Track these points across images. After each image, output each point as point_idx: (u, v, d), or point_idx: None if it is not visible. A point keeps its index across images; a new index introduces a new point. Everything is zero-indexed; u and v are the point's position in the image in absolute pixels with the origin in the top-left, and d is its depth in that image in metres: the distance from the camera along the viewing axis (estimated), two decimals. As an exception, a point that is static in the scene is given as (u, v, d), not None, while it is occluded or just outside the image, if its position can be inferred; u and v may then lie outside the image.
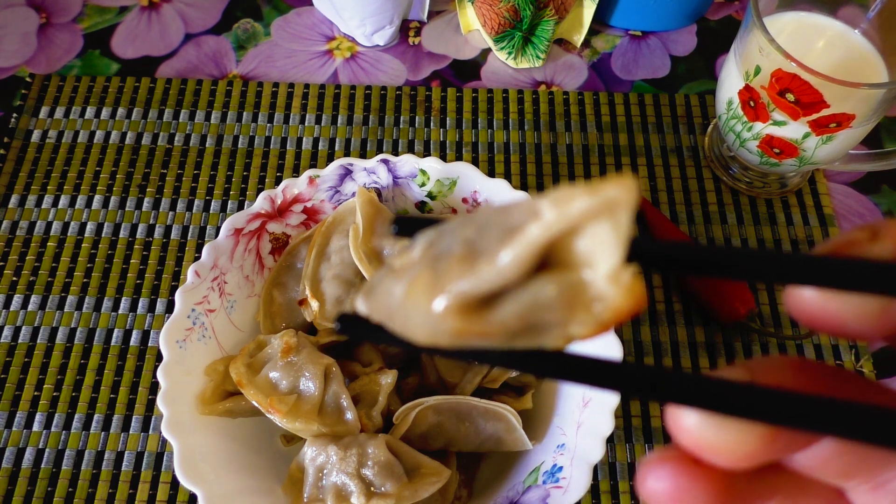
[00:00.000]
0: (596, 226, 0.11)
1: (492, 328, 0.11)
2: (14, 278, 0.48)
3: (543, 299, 0.11)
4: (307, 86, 0.56)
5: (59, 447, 0.43)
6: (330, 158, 0.53)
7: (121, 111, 0.55)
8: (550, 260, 0.12)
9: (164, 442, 0.43)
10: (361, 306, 0.13)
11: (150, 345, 0.46)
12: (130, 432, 0.44)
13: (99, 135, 0.54)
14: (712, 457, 0.13)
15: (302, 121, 0.55)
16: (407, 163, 0.43)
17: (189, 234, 0.50)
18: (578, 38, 0.59)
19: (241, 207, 0.51)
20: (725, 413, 0.12)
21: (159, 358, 0.40)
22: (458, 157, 0.53)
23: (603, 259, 0.11)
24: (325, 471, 0.35)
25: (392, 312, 0.12)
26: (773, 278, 0.13)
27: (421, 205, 0.45)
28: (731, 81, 0.46)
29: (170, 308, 0.47)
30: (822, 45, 0.45)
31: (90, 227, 0.50)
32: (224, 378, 0.39)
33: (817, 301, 0.13)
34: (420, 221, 0.13)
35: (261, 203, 0.42)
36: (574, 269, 0.11)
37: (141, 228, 0.50)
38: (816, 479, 0.14)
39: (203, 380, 0.39)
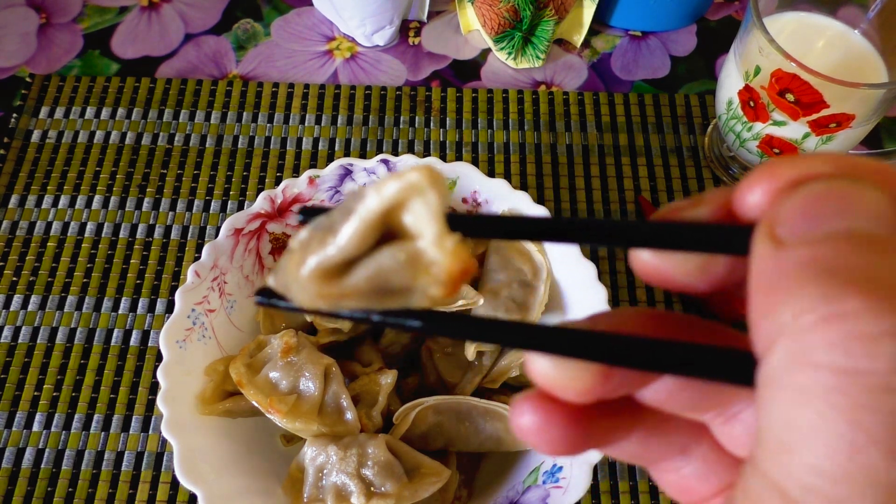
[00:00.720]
0: (414, 203, 0.13)
1: (347, 290, 0.14)
2: (14, 278, 0.48)
3: (386, 265, 0.14)
4: (307, 86, 0.56)
5: (59, 447, 0.43)
6: (330, 158, 0.53)
7: (121, 111, 0.55)
8: (396, 233, 0.14)
9: (164, 442, 0.43)
10: (270, 280, 0.15)
11: (150, 345, 0.46)
12: (130, 432, 0.44)
13: (99, 135, 0.54)
14: (560, 393, 0.15)
15: (302, 121, 0.55)
16: (407, 163, 0.43)
17: (189, 234, 0.50)
18: (578, 39, 0.59)
19: (241, 207, 0.51)
20: (562, 356, 0.14)
21: (159, 358, 0.40)
22: (458, 157, 0.53)
23: (426, 229, 0.13)
24: (325, 471, 0.35)
25: (286, 284, 0.15)
26: (611, 243, 0.15)
27: (421, 205, 0.45)
28: (731, 81, 0.46)
29: (170, 308, 0.47)
30: (822, 45, 0.45)
31: (90, 227, 0.50)
32: (224, 378, 0.39)
33: (653, 261, 0.15)
34: (320, 210, 0.15)
35: (261, 203, 0.42)
36: (410, 240, 0.14)
37: (141, 228, 0.50)
38: (672, 412, 0.16)
39: (203, 380, 0.39)
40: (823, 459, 0.10)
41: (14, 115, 0.55)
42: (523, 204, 0.42)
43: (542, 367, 0.14)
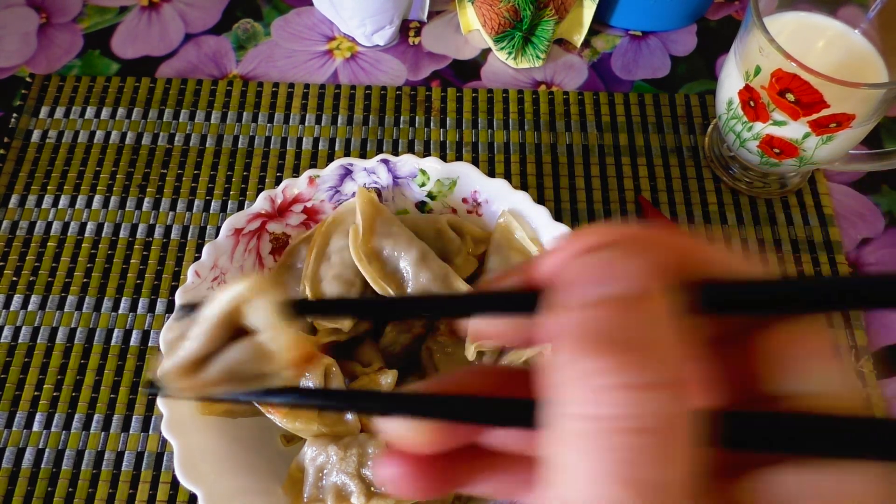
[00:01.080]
0: (250, 307, 0.16)
1: (204, 382, 0.16)
2: (14, 278, 0.48)
3: (237, 358, 0.16)
4: (307, 86, 0.56)
5: (59, 447, 0.43)
6: (330, 158, 0.53)
7: (121, 111, 0.55)
8: (245, 330, 0.17)
9: (164, 442, 0.43)
10: (157, 373, 0.17)
11: (150, 345, 0.46)
12: (130, 432, 0.44)
13: (99, 135, 0.54)
14: (413, 448, 0.17)
15: (302, 121, 0.55)
16: (407, 163, 0.43)
17: (189, 234, 0.50)
18: (578, 38, 0.59)
19: (241, 207, 0.51)
20: (404, 417, 0.17)
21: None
22: (458, 157, 0.53)
23: (263, 328, 0.16)
24: (325, 471, 0.35)
25: (162, 379, 0.17)
26: (439, 315, 0.18)
27: (421, 205, 0.45)
28: (731, 81, 0.46)
29: (170, 308, 0.47)
30: (822, 45, 0.45)
31: (90, 227, 0.50)
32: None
33: (479, 325, 0.17)
34: (196, 307, 0.17)
35: (261, 203, 0.42)
36: (256, 335, 0.16)
37: (141, 228, 0.50)
38: (517, 452, 0.18)
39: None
40: (575, 493, 0.12)
41: (14, 115, 0.55)
42: (523, 204, 0.42)
43: (391, 428, 0.17)
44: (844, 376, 0.14)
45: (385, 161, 0.43)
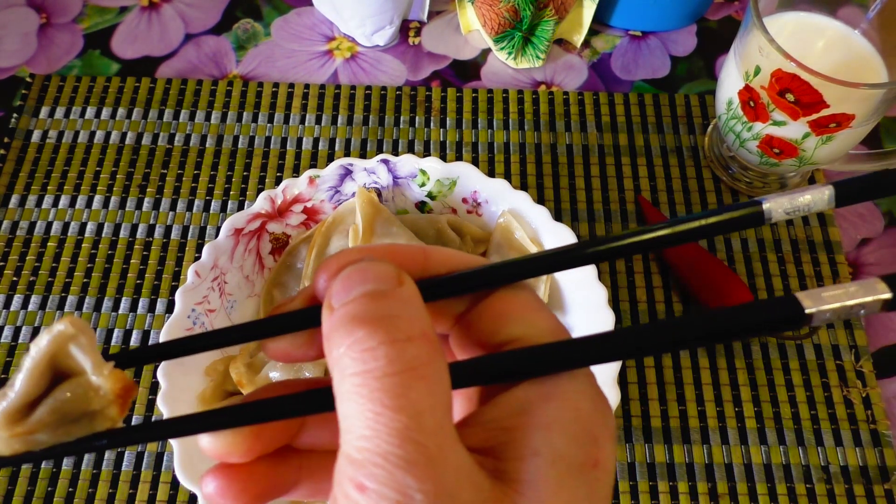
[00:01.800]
0: (71, 348, 0.17)
1: (34, 427, 0.16)
2: (14, 278, 0.48)
3: (63, 398, 0.17)
4: (307, 86, 0.56)
5: (60, 447, 0.43)
6: (330, 158, 0.53)
7: (121, 111, 0.55)
8: (69, 373, 0.17)
9: (164, 442, 0.43)
10: None
11: (149, 345, 0.46)
12: (130, 432, 0.44)
13: (99, 135, 0.54)
14: (228, 458, 0.18)
15: (302, 121, 0.55)
16: (407, 163, 0.43)
17: (189, 234, 0.50)
18: (578, 38, 0.59)
19: (241, 207, 0.51)
20: (213, 429, 0.18)
21: (159, 358, 0.40)
22: (458, 157, 0.53)
23: (85, 364, 0.17)
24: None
25: None
26: (242, 340, 0.20)
27: (421, 205, 0.45)
28: (730, 81, 0.46)
29: (170, 308, 0.47)
30: (822, 45, 0.45)
31: (90, 227, 0.50)
32: (224, 378, 0.39)
33: (282, 346, 0.19)
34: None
35: (261, 203, 0.42)
36: (80, 375, 0.17)
37: (141, 228, 0.50)
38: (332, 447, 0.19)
39: (203, 380, 0.39)
40: (364, 430, 0.15)
41: (14, 115, 0.55)
42: (523, 204, 0.42)
43: (204, 442, 0.18)
44: (546, 320, 0.19)
45: (385, 161, 0.43)
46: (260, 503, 0.19)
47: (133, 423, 0.20)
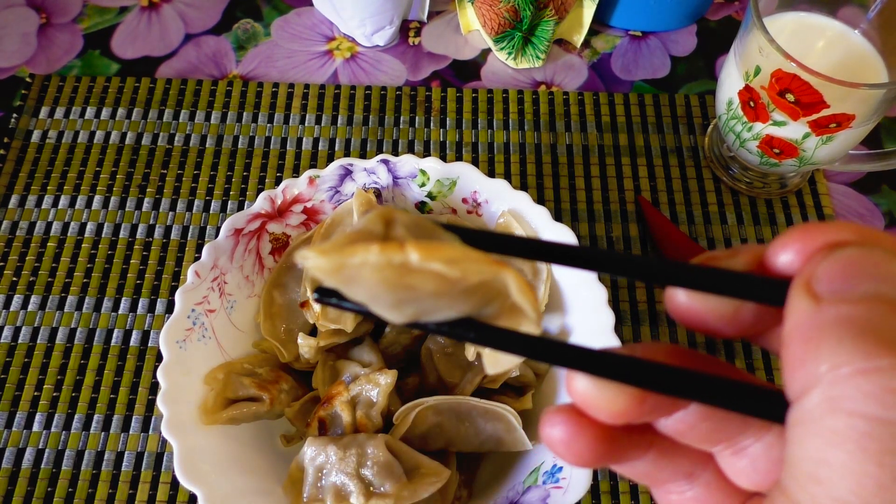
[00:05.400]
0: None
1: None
2: (14, 278, 0.48)
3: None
4: (307, 86, 0.56)
5: (59, 447, 0.43)
6: (330, 158, 0.53)
7: (121, 111, 0.55)
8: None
9: (164, 442, 0.43)
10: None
11: (150, 345, 0.46)
12: (130, 433, 0.44)
13: (99, 135, 0.54)
14: (594, 413, 0.16)
15: (302, 121, 0.55)
16: (407, 163, 0.43)
17: (189, 234, 0.50)
18: (578, 39, 0.59)
19: (241, 207, 0.51)
20: (604, 377, 0.15)
21: (159, 358, 0.40)
22: (458, 158, 0.53)
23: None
24: (324, 471, 0.35)
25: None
26: (650, 279, 0.16)
27: (421, 205, 0.45)
28: (731, 81, 0.46)
29: (170, 308, 0.47)
30: (822, 45, 0.45)
31: (90, 227, 0.50)
32: (224, 386, 0.39)
33: (686, 300, 0.16)
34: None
35: (261, 203, 0.42)
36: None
37: (141, 228, 0.50)
38: (686, 443, 0.17)
39: (203, 382, 0.39)
40: (850, 494, 0.12)
41: (14, 115, 0.55)
42: (523, 204, 0.42)
43: (583, 387, 0.15)
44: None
45: (385, 161, 0.43)
46: (592, 465, 0.17)
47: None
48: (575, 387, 0.16)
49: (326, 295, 0.16)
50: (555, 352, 0.15)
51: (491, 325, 0.16)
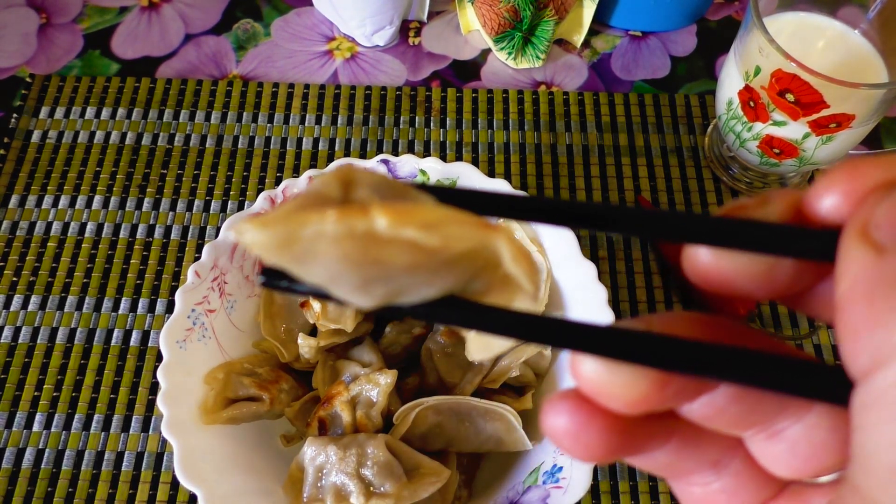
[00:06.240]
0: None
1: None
2: (14, 278, 0.48)
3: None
4: (307, 86, 0.56)
5: (59, 447, 0.43)
6: (330, 158, 0.53)
7: (121, 111, 0.55)
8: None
9: (164, 442, 0.43)
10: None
11: (150, 345, 0.46)
12: (130, 432, 0.44)
13: (99, 135, 0.54)
14: (606, 400, 0.13)
15: (302, 121, 0.55)
16: (407, 163, 0.43)
17: (189, 234, 0.50)
18: (578, 39, 0.59)
19: (241, 207, 0.51)
20: (618, 359, 0.13)
21: (159, 358, 0.40)
22: (458, 158, 0.53)
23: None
24: (324, 471, 0.35)
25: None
26: (671, 236, 0.13)
27: (421, 205, 0.45)
28: (731, 82, 0.46)
29: (170, 308, 0.47)
30: (822, 46, 0.45)
31: (90, 227, 0.50)
32: (224, 385, 0.39)
33: (711, 259, 0.13)
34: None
35: (261, 203, 0.42)
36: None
37: (141, 228, 0.50)
38: (713, 429, 0.15)
39: (203, 383, 0.39)
40: None
41: (14, 115, 0.55)
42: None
43: (591, 371, 0.13)
44: None
45: (385, 161, 0.43)
46: (604, 460, 0.14)
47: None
48: (582, 372, 0.13)
49: (274, 278, 0.13)
50: (555, 331, 0.13)
51: (479, 302, 0.14)
